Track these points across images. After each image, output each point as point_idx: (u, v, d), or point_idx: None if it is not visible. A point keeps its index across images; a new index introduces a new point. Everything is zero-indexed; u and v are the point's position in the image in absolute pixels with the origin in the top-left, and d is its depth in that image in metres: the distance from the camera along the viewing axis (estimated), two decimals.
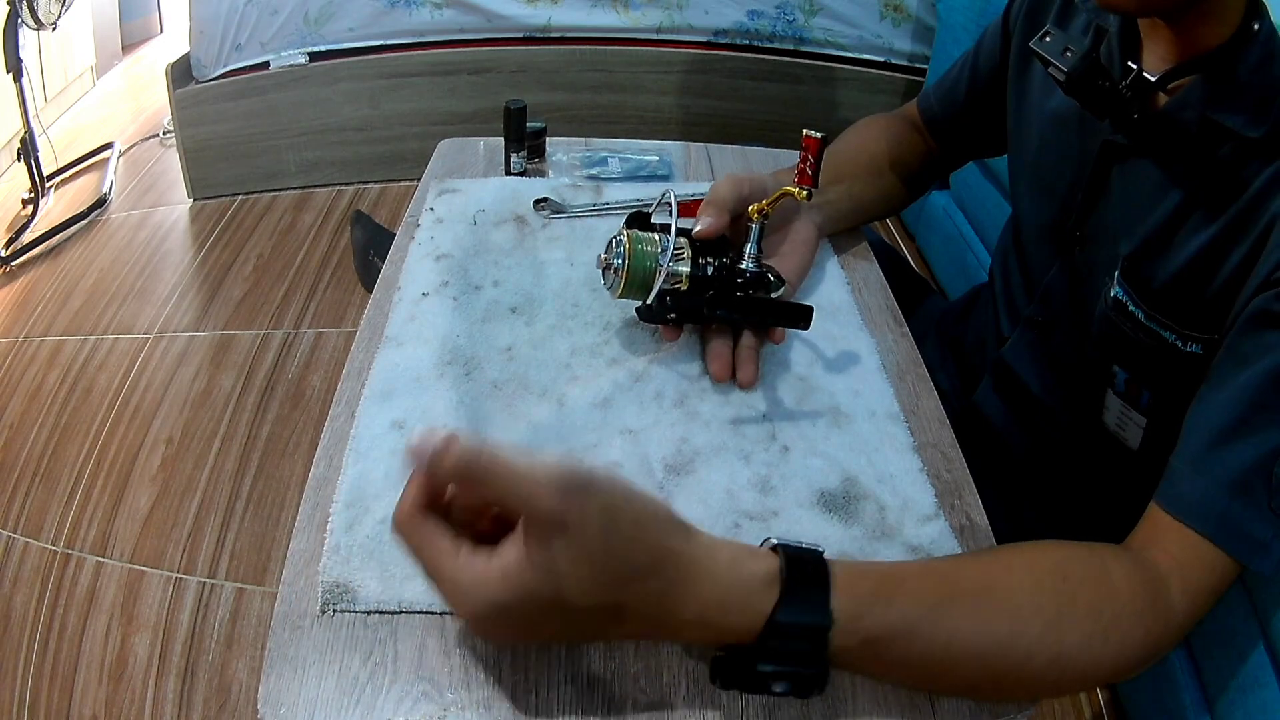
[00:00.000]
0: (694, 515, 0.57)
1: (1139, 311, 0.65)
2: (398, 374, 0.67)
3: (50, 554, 1.43)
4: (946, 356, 0.96)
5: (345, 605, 0.51)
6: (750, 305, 0.66)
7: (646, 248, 0.65)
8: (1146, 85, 0.63)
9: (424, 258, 0.80)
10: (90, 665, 1.26)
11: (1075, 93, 0.65)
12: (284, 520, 1.49)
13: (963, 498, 0.61)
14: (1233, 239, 0.59)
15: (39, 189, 2.34)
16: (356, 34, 2.27)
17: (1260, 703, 0.78)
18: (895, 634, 0.45)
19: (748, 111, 2.35)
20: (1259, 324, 0.54)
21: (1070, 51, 0.63)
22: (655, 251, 0.64)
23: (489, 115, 1.76)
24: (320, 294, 2.03)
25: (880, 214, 0.94)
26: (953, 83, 0.90)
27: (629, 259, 0.64)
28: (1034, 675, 0.47)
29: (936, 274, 2.03)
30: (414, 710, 0.46)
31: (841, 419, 0.66)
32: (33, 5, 2.14)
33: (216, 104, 2.25)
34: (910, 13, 2.23)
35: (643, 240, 0.65)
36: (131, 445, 1.63)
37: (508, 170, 0.96)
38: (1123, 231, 0.67)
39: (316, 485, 0.58)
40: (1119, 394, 0.71)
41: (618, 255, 0.64)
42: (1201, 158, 0.61)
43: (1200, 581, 0.51)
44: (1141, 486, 0.57)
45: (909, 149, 0.93)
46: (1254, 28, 0.58)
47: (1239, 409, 0.53)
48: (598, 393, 0.66)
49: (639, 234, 0.65)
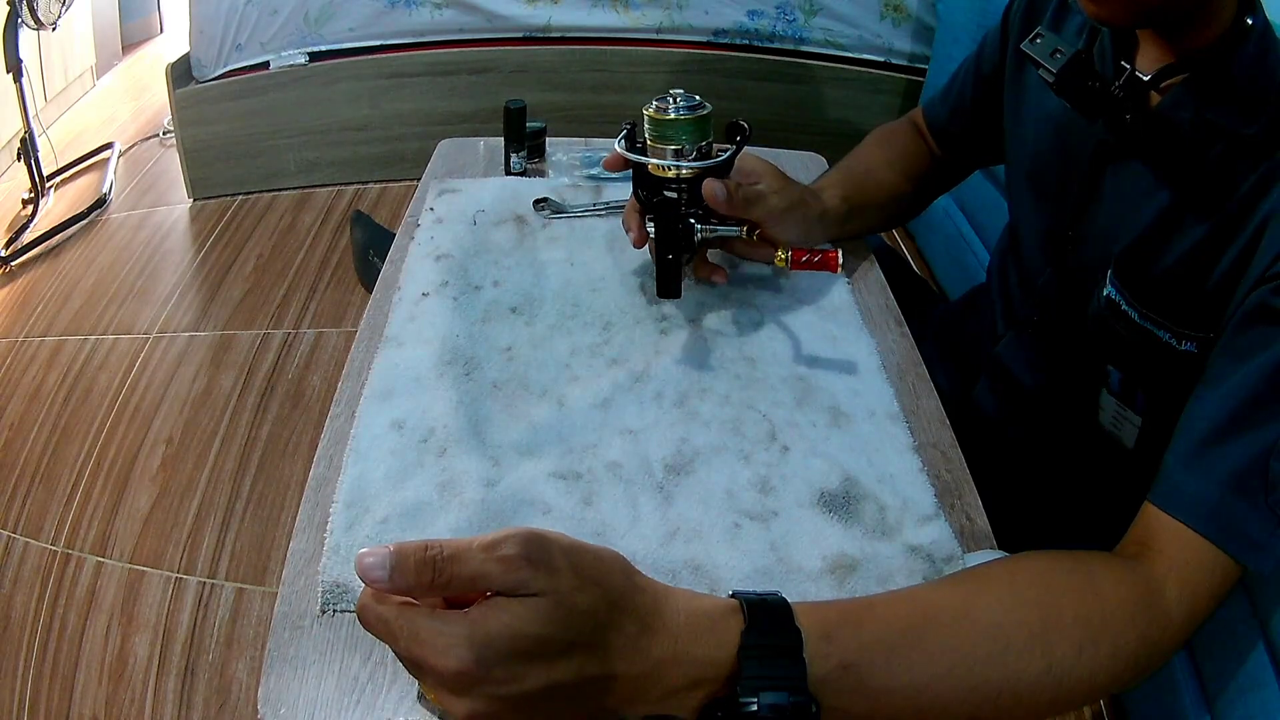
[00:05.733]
0: (694, 515, 0.57)
1: (1132, 311, 0.65)
2: (398, 374, 0.67)
3: (50, 554, 1.43)
4: (945, 356, 0.96)
5: (345, 605, 0.51)
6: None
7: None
8: (1140, 85, 0.63)
9: (424, 258, 0.80)
10: (90, 665, 1.26)
11: (1065, 94, 0.65)
12: (284, 520, 1.49)
13: (963, 498, 0.61)
14: (1226, 237, 0.59)
15: (39, 189, 2.34)
16: (356, 34, 2.27)
17: (1260, 703, 0.78)
18: (874, 657, 0.43)
19: (748, 111, 2.34)
20: (1255, 320, 0.54)
21: (1060, 53, 0.63)
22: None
23: (489, 115, 1.76)
24: (320, 294, 2.03)
25: (897, 222, 0.95)
26: (958, 89, 0.90)
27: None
28: (1028, 691, 0.46)
29: (936, 274, 2.03)
30: (414, 710, 0.46)
31: (841, 419, 0.66)
32: (33, 5, 2.14)
33: (216, 104, 2.25)
34: (910, 13, 2.23)
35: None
36: (131, 445, 1.63)
37: (508, 170, 0.96)
38: (1116, 231, 0.67)
39: (316, 485, 0.58)
40: (1114, 393, 0.71)
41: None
42: (1194, 156, 0.61)
43: (1198, 583, 0.50)
44: (1138, 486, 0.57)
45: (920, 158, 0.93)
46: (1247, 23, 0.58)
47: (1234, 405, 0.52)
48: (598, 393, 0.66)
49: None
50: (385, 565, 0.37)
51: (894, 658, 0.44)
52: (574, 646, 0.38)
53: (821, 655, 0.42)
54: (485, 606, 0.38)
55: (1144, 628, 0.48)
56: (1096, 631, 0.47)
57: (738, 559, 0.55)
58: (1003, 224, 0.92)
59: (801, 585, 0.54)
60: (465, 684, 0.37)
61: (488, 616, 0.37)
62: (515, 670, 0.37)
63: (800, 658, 0.41)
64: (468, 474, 0.58)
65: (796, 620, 0.42)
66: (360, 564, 0.38)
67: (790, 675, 0.41)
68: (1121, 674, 0.48)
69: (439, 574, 0.37)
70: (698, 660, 0.41)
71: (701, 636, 0.41)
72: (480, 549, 0.38)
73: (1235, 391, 0.52)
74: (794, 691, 0.41)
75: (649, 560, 0.54)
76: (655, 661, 0.40)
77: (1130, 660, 0.48)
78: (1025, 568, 0.50)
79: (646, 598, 0.41)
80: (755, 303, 0.77)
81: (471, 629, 0.37)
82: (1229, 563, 0.51)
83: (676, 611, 0.42)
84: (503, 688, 0.37)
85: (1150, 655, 0.49)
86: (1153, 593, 0.50)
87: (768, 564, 0.55)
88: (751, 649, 0.41)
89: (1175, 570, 0.50)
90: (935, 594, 0.49)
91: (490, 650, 0.37)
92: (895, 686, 0.44)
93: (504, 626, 0.37)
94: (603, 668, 0.39)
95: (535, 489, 0.58)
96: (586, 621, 0.39)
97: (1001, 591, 0.48)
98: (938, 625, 0.46)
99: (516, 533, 0.38)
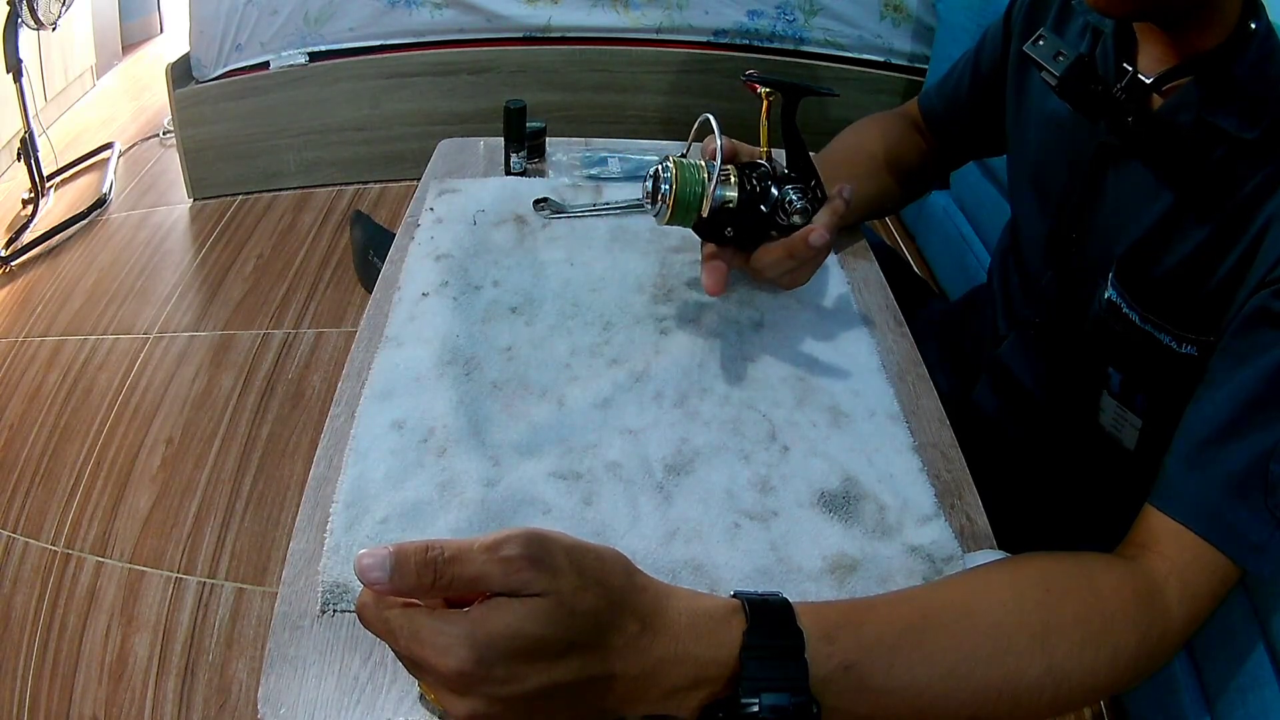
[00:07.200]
0: (694, 515, 0.57)
1: (1133, 313, 0.65)
2: (398, 374, 0.67)
3: (50, 554, 1.43)
4: (945, 356, 0.96)
5: (345, 605, 0.51)
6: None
7: (692, 174, 0.66)
8: (1141, 87, 0.63)
9: (424, 258, 0.80)
10: (90, 665, 1.26)
11: (1067, 97, 0.65)
12: (284, 520, 1.49)
13: (963, 498, 0.61)
14: (1227, 241, 0.59)
15: (39, 189, 2.34)
16: (356, 34, 2.27)
17: (1260, 703, 0.78)
18: (875, 658, 0.44)
19: (748, 111, 2.34)
20: (1256, 322, 0.54)
21: (1062, 56, 0.63)
22: (701, 177, 0.66)
23: (489, 115, 1.76)
24: (320, 294, 2.03)
25: (878, 212, 0.94)
26: (955, 81, 0.91)
27: (676, 184, 0.65)
28: (1029, 693, 0.46)
29: (936, 274, 2.03)
30: (414, 710, 0.46)
31: (841, 419, 0.66)
32: (33, 5, 2.13)
33: (216, 104, 2.25)
34: (910, 13, 2.23)
35: (688, 167, 0.66)
36: (131, 445, 1.63)
37: (508, 170, 0.96)
38: (1117, 234, 0.67)
39: (316, 485, 0.58)
40: (1114, 395, 0.71)
41: (665, 180, 0.66)
42: (1195, 159, 0.61)
43: (1198, 584, 0.50)
44: (1139, 487, 0.57)
45: (908, 147, 0.93)
46: (1251, 27, 0.58)
47: (1235, 407, 0.52)
48: (598, 393, 0.66)
49: (684, 160, 0.67)
50: (385, 567, 0.37)
51: (895, 658, 0.44)
52: (575, 646, 0.38)
53: (823, 656, 0.42)
54: (486, 606, 0.38)
55: (1144, 629, 0.48)
56: (1097, 633, 0.47)
57: (738, 559, 0.55)
58: (1003, 224, 0.92)
59: (801, 585, 0.54)
60: (466, 684, 0.37)
61: (489, 616, 0.37)
62: (516, 670, 0.37)
63: (802, 658, 0.41)
64: (468, 474, 0.58)
65: (798, 621, 0.42)
66: (359, 566, 0.37)
67: (792, 676, 0.41)
68: (1121, 675, 0.48)
69: (440, 575, 0.37)
70: (699, 660, 0.41)
71: (703, 636, 0.41)
72: (481, 550, 0.38)
73: (1235, 394, 0.53)
74: (795, 692, 0.41)
75: (649, 560, 0.54)
76: (656, 661, 0.40)
77: (1130, 661, 0.48)
78: (1026, 568, 0.50)
79: (648, 597, 0.41)
80: (755, 303, 0.77)
81: (472, 628, 0.37)
82: (1229, 565, 0.51)
83: (678, 611, 0.42)
84: (503, 688, 0.37)
85: (1150, 657, 0.49)
86: (1153, 594, 0.50)
87: (768, 564, 0.55)
88: (753, 649, 0.41)
89: (1175, 572, 0.50)
90: (936, 594, 0.49)
91: (491, 650, 0.37)
92: (896, 687, 0.44)
93: (505, 626, 0.37)
94: (604, 668, 0.39)
95: (535, 489, 0.58)
96: (588, 622, 0.39)
97: (1002, 592, 0.48)
98: (939, 626, 0.46)
99: (518, 533, 0.38)
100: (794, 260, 0.68)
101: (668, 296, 0.77)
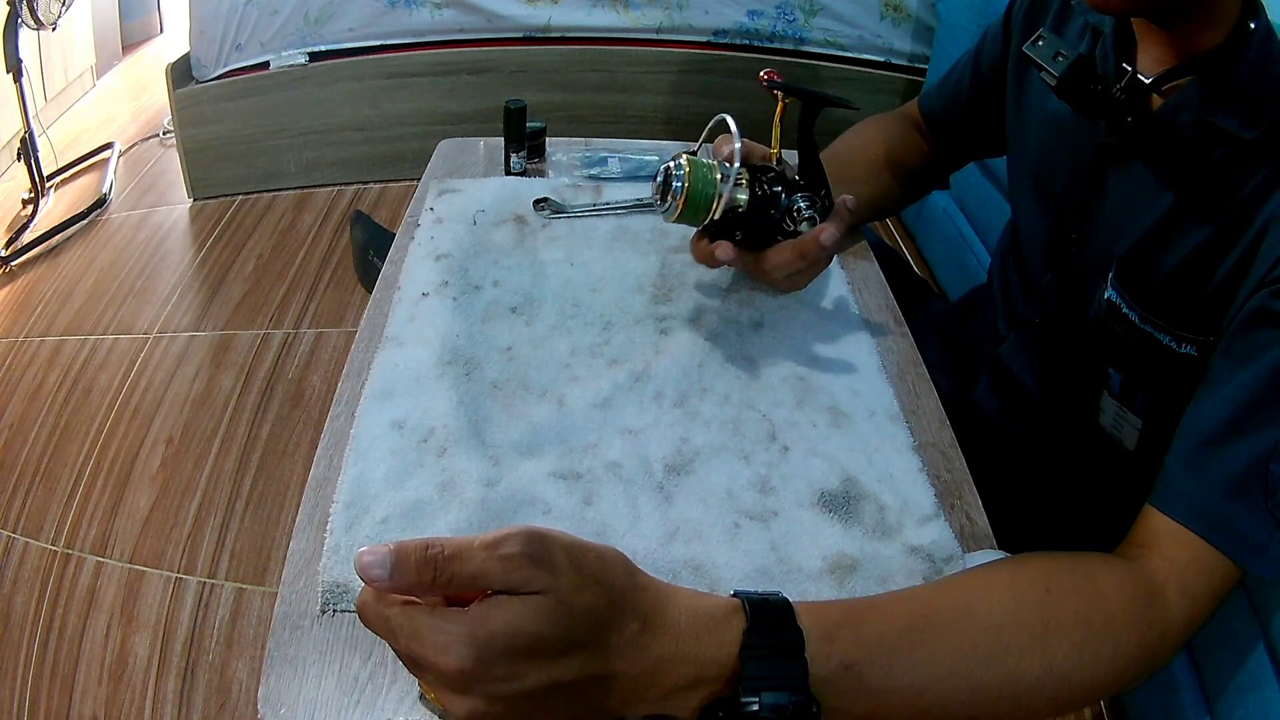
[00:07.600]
0: (694, 515, 0.57)
1: (1133, 314, 0.65)
2: (398, 374, 0.67)
3: (50, 554, 1.43)
4: (945, 356, 0.96)
5: (345, 605, 0.51)
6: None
7: (706, 174, 0.65)
8: (1141, 88, 0.63)
9: (424, 258, 0.80)
10: (90, 665, 1.26)
11: (1067, 97, 0.65)
12: (284, 520, 1.49)
13: (963, 498, 0.61)
14: (1227, 241, 0.59)
15: (39, 189, 2.34)
16: (356, 34, 2.27)
17: (1260, 703, 0.78)
18: (875, 658, 0.44)
19: (749, 111, 2.34)
20: (1256, 323, 0.54)
21: (1062, 56, 0.63)
22: (715, 178, 0.65)
23: (489, 115, 1.76)
24: (320, 294, 2.03)
25: (879, 213, 0.94)
26: (955, 82, 0.91)
27: (689, 182, 0.65)
28: (1029, 693, 0.46)
29: (936, 274, 2.03)
30: (414, 710, 0.46)
31: (841, 419, 0.66)
32: (33, 5, 2.13)
33: (216, 104, 2.25)
34: (910, 13, 2.23)
35: (701, 166, 0.66)
36: (131, 445, 1.63)
37: (508, 170, 0.96)
38: (1117, 234, 0.67)
39: (316, 485, 0.58)
40: (1114, 396, 0.71)
41: (677, 178, 0.65)
42: (1196, 160, 0.61)
43: (1198, 585, 0.50)
44: (1139, 487, 0.57)
45: (909, 148, 0.93)
46: (1250, 27, 0.58)
47: (1235, 407, 0.52)
48: (598, 393, 0.66)
49: (698, 160, 0.66)
50: (385, 564, 0.37)
51: (895, 658, 0.44)
52: (575, 645, 0.38)
53: (823, 655, 0.42)
54: (486, 605, 0.38)
55: (1144, 629, 0.49)
56: (1097, 633, 0.47)
57: (738, 559, 0.55)
58: (1003, 224, 0.92)
59: (801, 585, 0.54)
60: (465, 682, 0.37)
61: (489, 615, 0.37)
62: (516, 669, 0.37)
63: (802, 658, 0.41)
64: (468, 474, 0.58)
65: (798, 620, 0.42)
66: (360, 563, 0.37)
67: (792, 675, 0.41)
68: (1121, 675, 0.48)
69: (440, 573, 0.37)
70: (699, 659, 0.41)
71: (703, 636, 0.41)
72: (482, 548, 0.38)
73: (1235, 395, 0.53)
74: (795, 691, 0.41)
75: (649, 560, 0.54)
76: (656, 660, 0.40)
77: (1130, 662, 0.48)
78: (1026, 569, 0.50)
79: (648, 596, 0.41)
80: (755, 303, 0.77)
81: (472, 627, 0.37)
82: (1229, 565, 0.51)
83: (678, 610, 0.42)
84: (503, 686, 0.37)
85: (1150, 657, 0.49)
86: (1153, 594, 0.50)
87: (768, 564, 0.55)
88: (753, 649, 0.41)
89: (1175, 572, 0.51)
90: (936, 594, 0.49)
91: (491, 649, 0.37)
92: (896, 686, 0.44)
93: (505, 625, 0.37)
94: (604, 667, 0.39)
95: (535, 489, 0.58)
96: (588, 620, 0.39)
97: (1002, 592, 0.48)
98: (939, 626, 0.46)
99: (518, 531, 0.38)
100: (804, 261, 0.69)
101: (668, 296, 0.77)
